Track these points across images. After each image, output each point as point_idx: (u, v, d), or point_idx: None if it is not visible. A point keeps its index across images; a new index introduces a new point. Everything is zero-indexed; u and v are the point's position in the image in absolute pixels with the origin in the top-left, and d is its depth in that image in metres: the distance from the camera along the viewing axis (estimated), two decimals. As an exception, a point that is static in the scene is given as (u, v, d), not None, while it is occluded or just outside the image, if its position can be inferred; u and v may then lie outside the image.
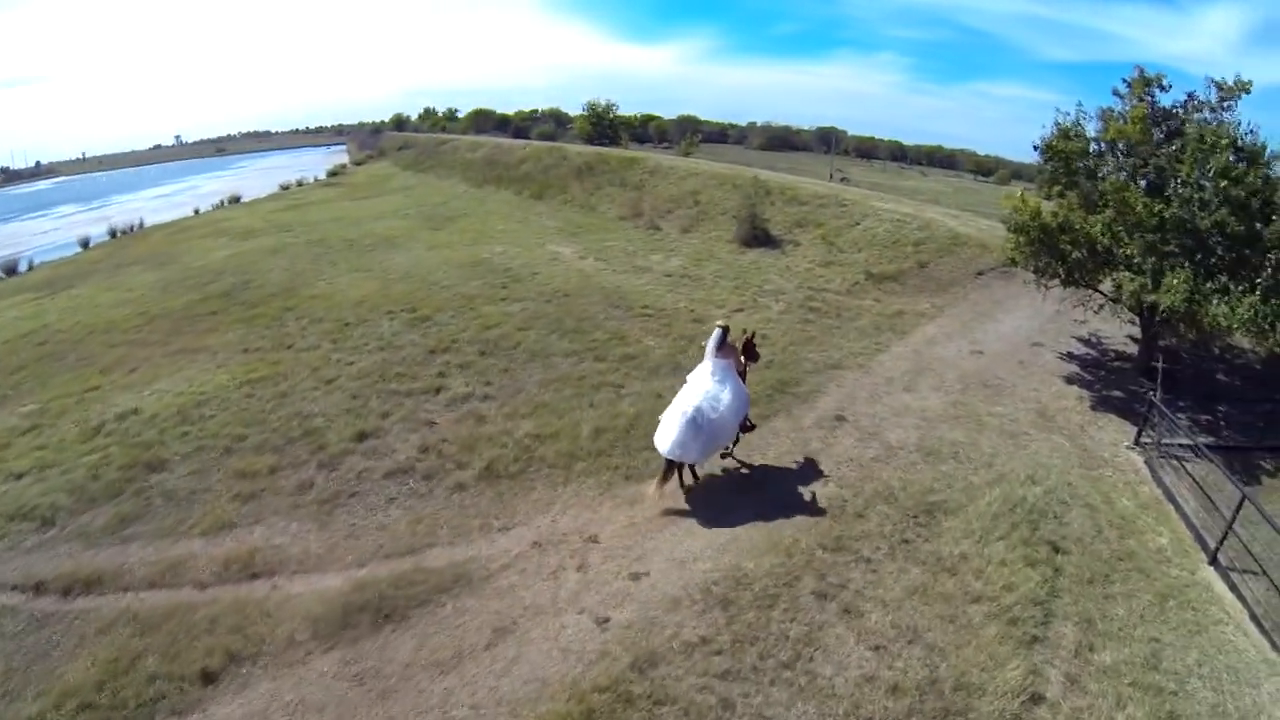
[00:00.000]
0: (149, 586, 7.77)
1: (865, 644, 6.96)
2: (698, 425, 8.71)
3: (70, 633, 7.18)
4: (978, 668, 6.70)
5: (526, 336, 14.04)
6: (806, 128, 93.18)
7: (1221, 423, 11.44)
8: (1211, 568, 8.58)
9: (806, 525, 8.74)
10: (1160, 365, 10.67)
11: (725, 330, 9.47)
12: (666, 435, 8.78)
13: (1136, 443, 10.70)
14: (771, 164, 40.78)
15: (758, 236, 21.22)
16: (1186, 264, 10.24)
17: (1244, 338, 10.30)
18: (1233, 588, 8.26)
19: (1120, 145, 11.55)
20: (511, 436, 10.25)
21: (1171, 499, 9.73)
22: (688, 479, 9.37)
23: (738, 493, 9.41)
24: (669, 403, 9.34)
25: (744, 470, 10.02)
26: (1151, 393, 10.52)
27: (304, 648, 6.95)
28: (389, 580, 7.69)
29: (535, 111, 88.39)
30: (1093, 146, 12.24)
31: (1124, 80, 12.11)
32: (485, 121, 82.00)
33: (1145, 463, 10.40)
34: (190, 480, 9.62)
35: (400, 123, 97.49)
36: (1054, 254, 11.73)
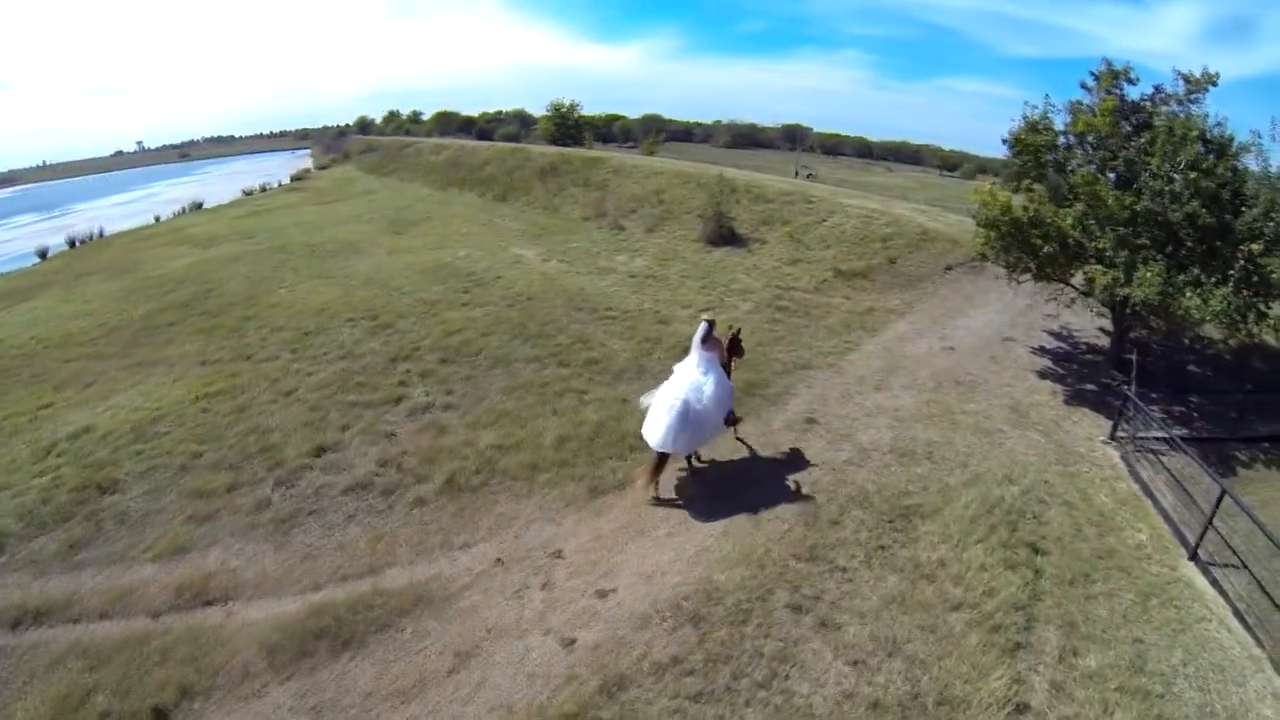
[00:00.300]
0: (100, 617, 7.49)
1: (843, 659, 6.73)
2: (685, 417, 8.88)
3: (20, 669, 6.89)
4: (961, 679, 6.52)
5: (489, 342, 13.91)
6: (772, 125, 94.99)
7: (1194, 414, 11.50)
8: (1192, 563, 8.56)
9: (778, 533, 8.52)
10: (1134, 358, 10.66)
11: (711, 324, 9.67)
12: (655, 428, 8.95)
13: (1112, 437, 10.67)
14: (737, 162, 41.38)
15: (724, 235, 21.14)
16: (1159, 257, 10.23)
17: (1216, 329, 10.32)
18: (1214, 583, 8.24)
19: (1090, 138, 11.57)
20: (473, 447, 10.08)
21: (1149, 494, 9.70)
22: (662, 479, 9.31)
23: (707, 500, 9.17)
24: (634, 408, 9.64)
25: (702, 466, 9.89)
26: (1126, 386, 10.47)
27: (260, 679, 6.63)
28: (347, 604, 7.41)
29: (500, 113, 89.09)
30: (1061, 140, 12.25)
31: (1092, 74, 12.20)
32: (450, 123, 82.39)
33: (1122, 457, 10.37)
34: (144, 501, 9.34)
35: (364, 125, 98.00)
36: (1025, 248, 11.69)
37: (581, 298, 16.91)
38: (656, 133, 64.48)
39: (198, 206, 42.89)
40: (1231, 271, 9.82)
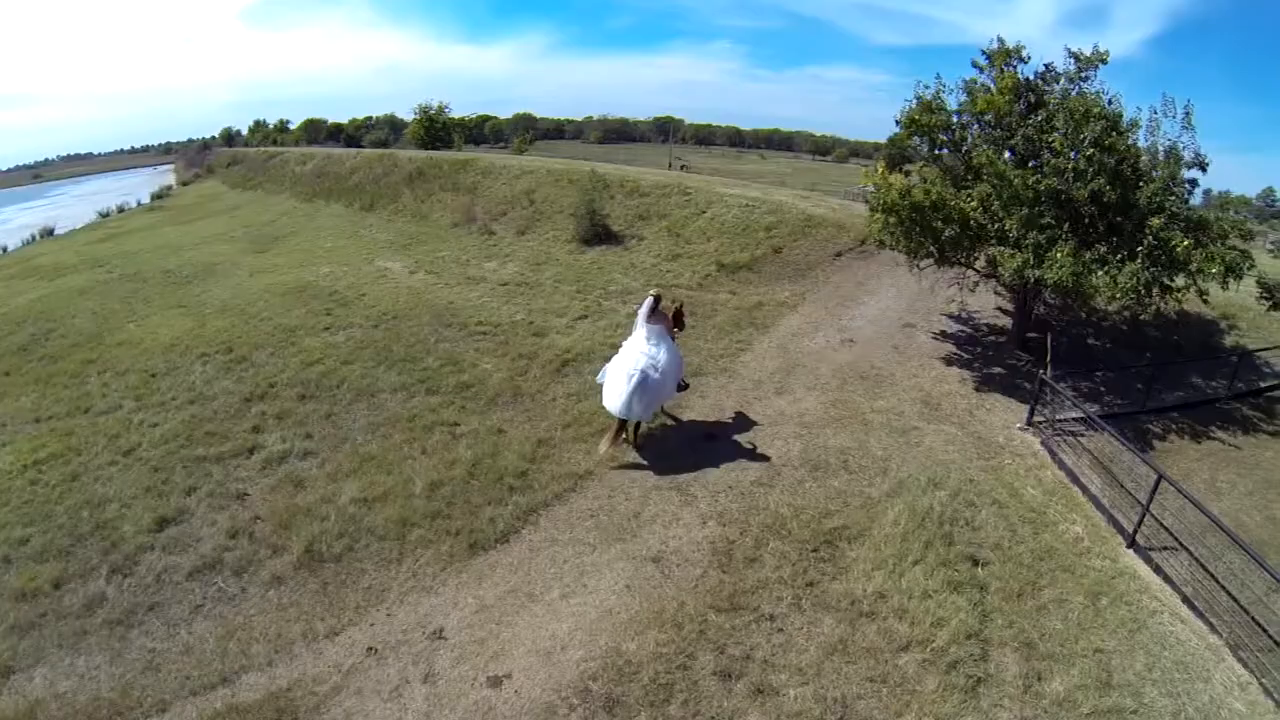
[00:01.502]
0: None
1: (789, 734, 5.82)
2: (644, 386, 9.58)
3: None
4: (925, 738, 5.74)
5: (351, 371, 13.23)
6: (644, 119, 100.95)
7: (1102, 388, 11.72)
8: (1132, 551, 8.52)
9: (690, 581, 7.58)
10: (1047, 341, 10.58)
11: (657, 299, 10.33)
12: (615, 395, 9.65)
13: (1029, 423, 10.50)
14: (610, 156, 42.11)
15: (598, 234, 20.61)
16: (1068, 237, 10.19)
17: (1119, 304, 10.43)
18: (1157, 570, 8.26)
19: (988, 117, 11.47)
20: (334, 504, 9.27)
21: (1076, 480, 9.61)
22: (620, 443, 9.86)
23: (600, 547, 8.14)
24: (511, 439, 10.18)
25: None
26: (1040, 370, 10.34)
27: None
28: (196, 732, 6.32)
29: (369, 118, 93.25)
30: (955, 119, 12.18)
31: (983, 52, 12.32)
32: (318, 131, 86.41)
33: (1042, 444, 10.26)
34: (-47, 612, 7.88)
35: (230, 137, 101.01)
36: (926, 233, 11.41)
37: (450, 312, 16.26)
38: (526, 131, 64.95)
39: (49, 233, 41.43)
40: (1140, 248, 9.96)
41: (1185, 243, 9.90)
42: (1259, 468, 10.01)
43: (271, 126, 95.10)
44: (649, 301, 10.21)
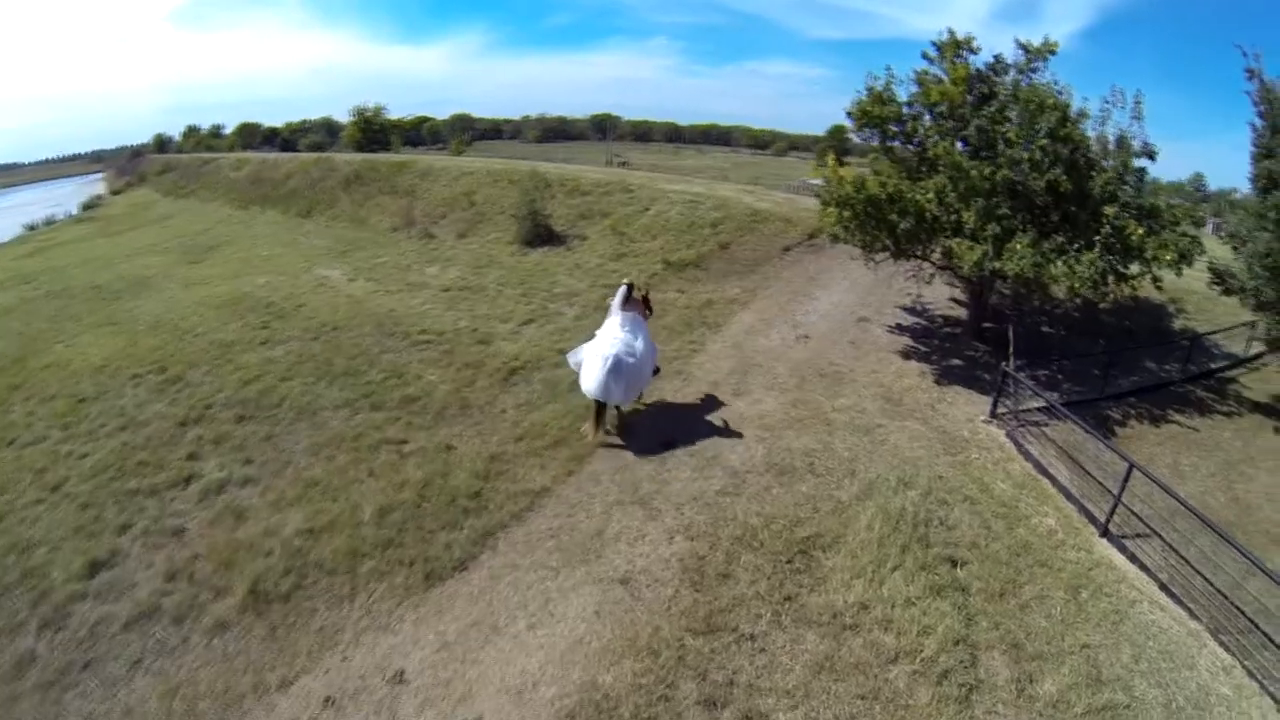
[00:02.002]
0: None
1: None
2: (619, 371, 9.88)
3: None
4: (926, 754, 5.57)
5: (291, 388, 12.72)
6: (581, 117, 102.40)
7: (1059, 376, 11.91)
8: (1105, 540, 8.62)
9: (662, 604, 7.20)
10: (1010, 333, 10.63)
11: (631, 286, 10.80)
12: (591, 378, 9.96)
13: (993, 415, 10.50)
14: (548, 155, 41.92)
15: (540, 234, 20.26)
16: (1029, 228, 10.27)
17: (1077, 293, 10.56)
18: (1132, 558, 8.38)
19: (942, 108, 11.48)
20: (278, 537, 8.74)
21: (1044, 471, 9.70)
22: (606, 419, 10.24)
23: (564, 570, 7.72)
24: (461, 456, 9.97)
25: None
26: (1003, 362, 10.38)
27: None
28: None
29: (305, 122, 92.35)
30: (906, 110, 12.21)
31: (934, 44, 12.41)
32: (252, 135, 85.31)
33: (1007, 435, 10.30)
34: None
35: (162, 144, 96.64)
36: (882, 226, 11.34)
37: (392, 321, 15.87)
38: (464, 132, 64.96)
39: (-30, 252, 38.36)
40: (1097, 237, 10.12)
41: (1139, 231, 10.11)
42: (1219, 449, 10.31)
43: (205, 131, 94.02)
44: (623, 289, 10.62)
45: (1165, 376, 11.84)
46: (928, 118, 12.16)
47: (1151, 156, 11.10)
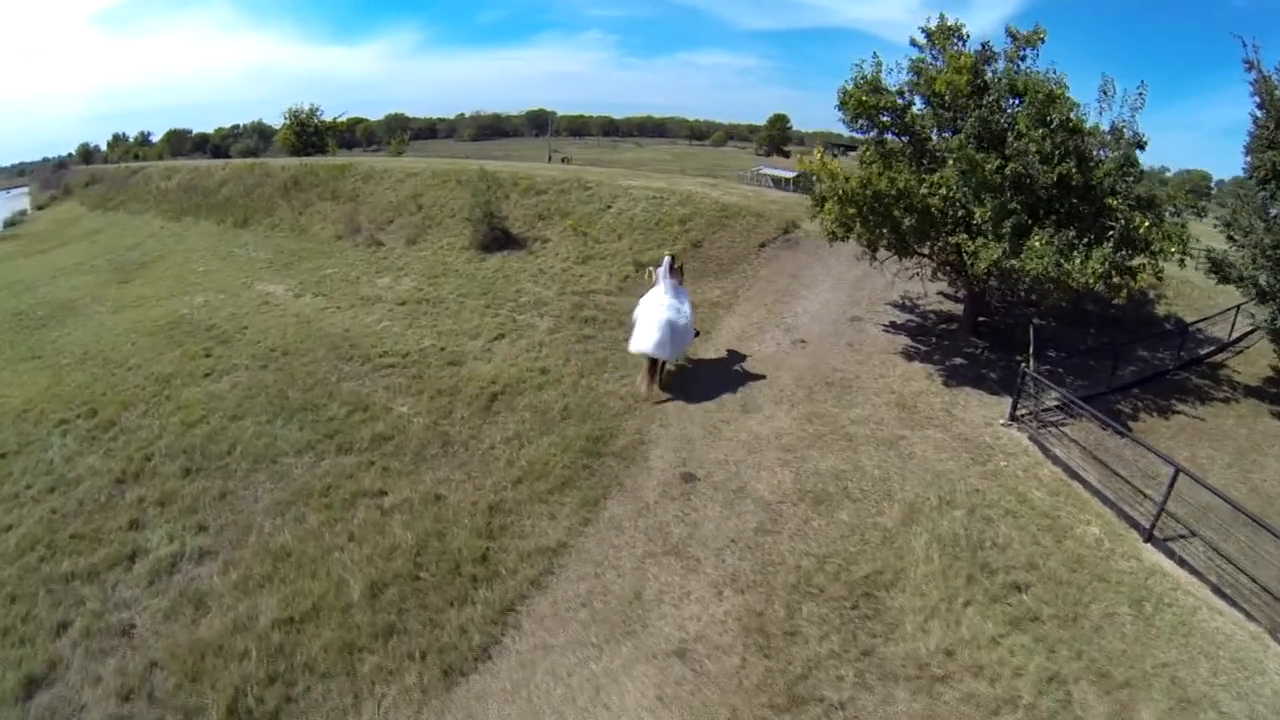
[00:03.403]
0: None
1: None
2: (673, 328, 11.12)
3: None
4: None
5: (243, 430, 11.17)
6: (517, 113, 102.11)
7: (1060, 370, 11.64)
8: (1150, 545, 8.40)
9: (731, 677, 6.39)
10: (1031, 334, 10.24)
11: (674, 258, 12.18)
12: (648, 338, 11.03)
13: (1013, 418, 10.09)
14: (487, 153, 39.97)
15: (497, 238, 18.82)
16: (1046, 224, 9.82)
17: (1089, 289, 10.24)
18: (1181, 562, 8.22)
19: (945, 97, 10.84)
20: (252, 632, 7.22)
21: (1074, 475, 9.35)
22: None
23: (607, 647, 6.78)
24: (454, 508, 8.88)
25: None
26: (1023, 363, 9.96)
27: None
28: None
29: (236, 127, 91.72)
30: (900, 100, 11.58)
31: (922, 30, 11.78)
32: (182, 142, 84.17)
33: (1030, 439, 9.94)
34: None
35: (88, 154, 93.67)
36: (886, 224, 10.70)
37: (348, 342, 14.37)
38: (402, 131, 63.67)
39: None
40: (1111, 231, 9.82)
41: (1145, 223, 9.86)
42: (1227, 438, 10.27)
43: (132, 140, 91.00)
44: (667, 261, 11.93)
45: (1160, 365, 11.82)
46: (918, 105, 11.59)
47: (1141, 146, 10.90)
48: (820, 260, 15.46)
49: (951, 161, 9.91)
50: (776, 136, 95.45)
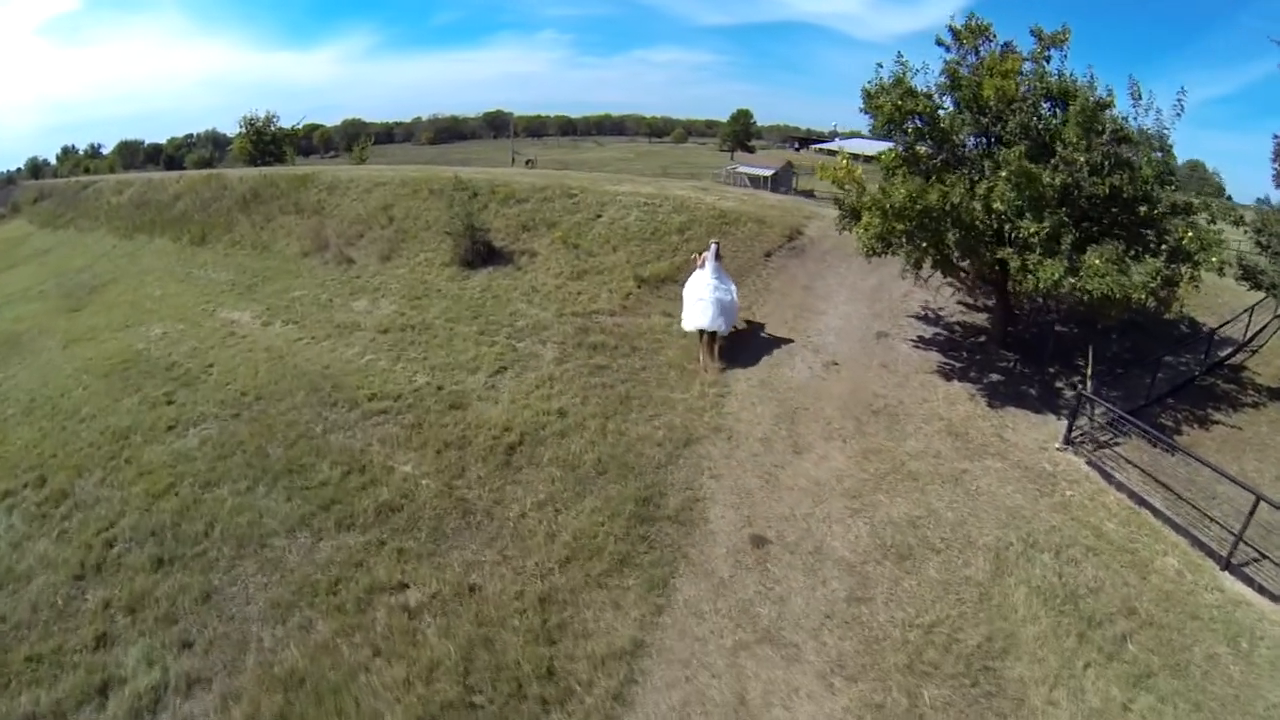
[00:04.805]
0: None
1: None
2: (723, 305, 12.55)
3: None
4: None
5: (220, 502, 9.79)
6: (474, 115, 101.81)
7: (1093, 381, 11.44)
8: (1228, 574, 8.37)
9: None
10: (1089, 355, 10.00)
11: (719, 244, 13.56)
12: (705, 315, 12.45)
13: (1067, 442, 9.96)
14: (445, 157, 38.36)
15: (480, 253, 17.52)
16: (1103, 239, 9.55)
17: (1143, 305, 10.08)
18: (1260, 590, 8.18)
19: (991, 103, 10.30)
20: None
21: (1140, 500, 9.32)
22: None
23: None
24: (497, 602, 7.80)
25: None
26: (1080, 386, 9.73)
27: None
28: None
29: (190, 136, 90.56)
30: (935, 105, 11.03)
31: (950, 29, 11.17)
32: (135, 154, 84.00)
33: (1088, 463, 9.81)
34: None
35: (36, 168, 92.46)
36: (932, 239, 10.22)
37: (330, 382, 13.01)
38: (367, 137, 64.48)
39: None
40: (1164, 245, 9.74)
41: (1189, 233, 9.74)
42: (1269, 448, 10.41)
43: (83, 152, 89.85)
44: (714, 247, 13.28)
45: (1185, 370, 11.88)
46: (949, 109, 11.04)
47: (1164, 150, 10.76)
48: (831, 269, 15.04)
49: (1005, 174, 9.42)
50: (740, 132, 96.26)
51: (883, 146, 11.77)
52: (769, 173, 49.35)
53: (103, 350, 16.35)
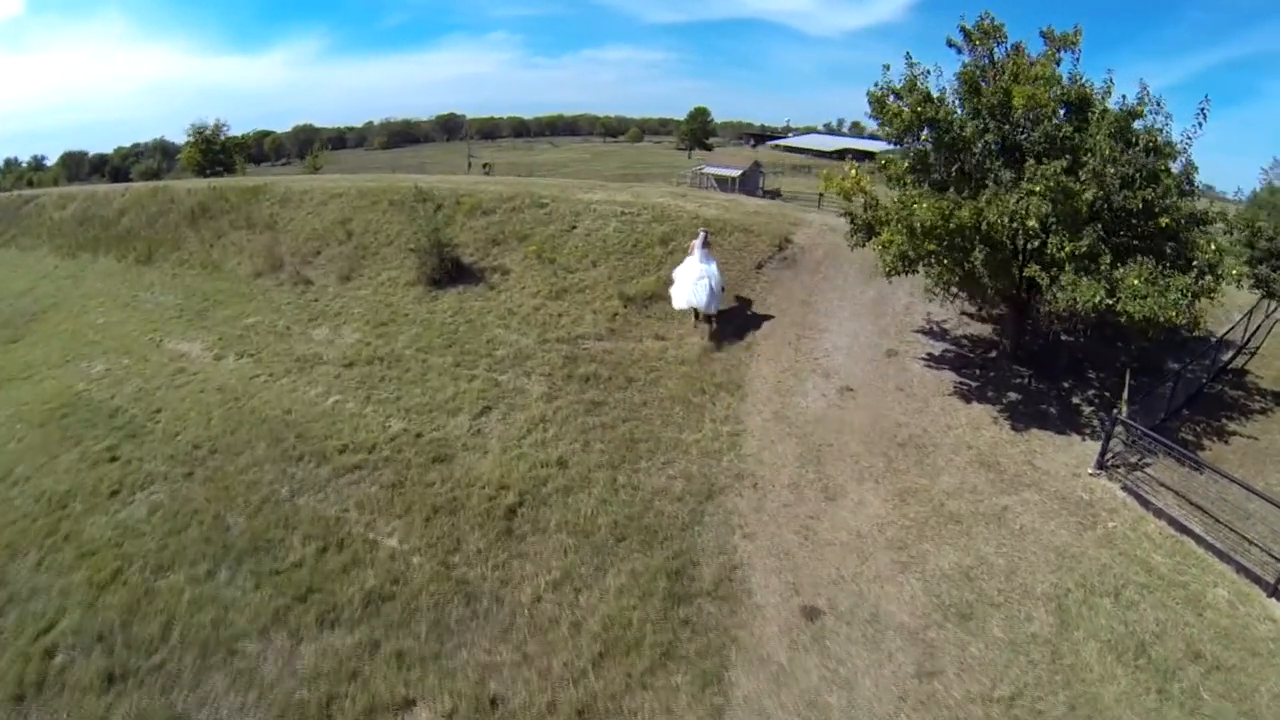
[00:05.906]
0: None
1: None
2: (711, 288, 13.39)
3: None
4: None
5: (177, 594, 8.66)
6: (426, 118, 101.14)
7: (1106, 394, 11.71)
8: (1274, 600, 8.34)
9: None
10: (1126, 379, 9.80)
11: (708, 232, 14.54)
12: (697, 295, 13.39)
13: (1100, 467, 9.85)
14: (398, 162, 36.66)
15: (448, 270, 16.45)
16: (1138, 256, 9.27)
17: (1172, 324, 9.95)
18: None
19: (1018, 112, 9.83)
20: None
21: (1180, 526, 9.24)
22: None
23: None
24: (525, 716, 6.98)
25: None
26: (1116, 411, 9.58)
27: None
28: None
29: (137, 145, 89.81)
30: (953, 114, 10.57)
31: (961, 29, 10.62)
32: (80, 165, 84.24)
33: (1123, 489, 9.70)
34: None
35: None
36: (958, 257, 9.81)
37: (294, 431, 11.95)
38: (323, 144, 61.01)
39: None
40: (1196, 262, 9.58)
41: (1213, 247, 9.65)
42: (1285, 456, 10.49)
43: (25, 165, 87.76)
44: (703, 234, 14.14)
45: (1194, 379, 11.96)
46: (962, 117, 10.56)
47: (1172, 158, 10.65)
48: (828, 281, 14.62)
49: (1040, 189, 9.03)
50: (698, 130, 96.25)
51: (841, 143, 11.66)
52: (736, 174, 49.14)
53: (40, 392, 15.07)
